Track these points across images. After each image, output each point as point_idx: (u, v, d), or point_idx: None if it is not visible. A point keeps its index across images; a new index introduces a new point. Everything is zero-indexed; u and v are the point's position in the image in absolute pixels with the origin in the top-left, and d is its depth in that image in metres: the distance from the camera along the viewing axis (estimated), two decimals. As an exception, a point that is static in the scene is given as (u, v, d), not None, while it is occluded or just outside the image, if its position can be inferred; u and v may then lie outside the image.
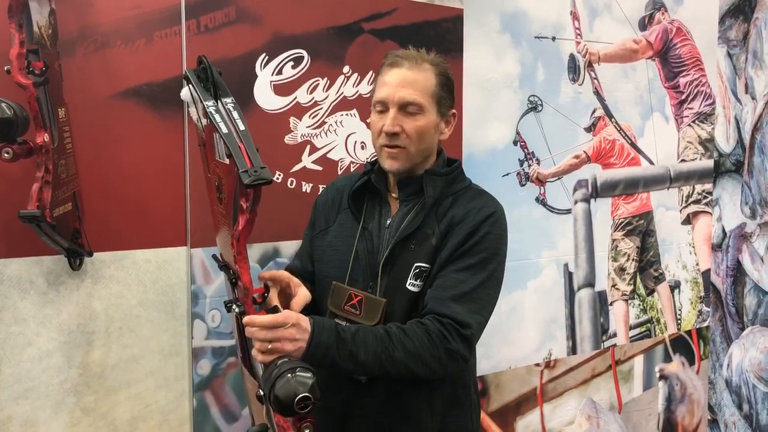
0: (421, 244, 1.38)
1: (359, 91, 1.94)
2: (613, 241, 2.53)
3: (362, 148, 1.95)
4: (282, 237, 1.85)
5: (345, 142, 1.94)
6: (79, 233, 1.58)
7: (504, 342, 2.28)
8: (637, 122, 2.55)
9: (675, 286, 2.71)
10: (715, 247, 2.79)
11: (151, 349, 1.71)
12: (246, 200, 1.09)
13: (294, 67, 1.84)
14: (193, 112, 1.29)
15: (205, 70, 1.21)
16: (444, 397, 1.41)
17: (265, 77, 1.80)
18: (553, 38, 2.31)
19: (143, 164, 1.66)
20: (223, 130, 1.10)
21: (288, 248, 1.85)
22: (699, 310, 2.79)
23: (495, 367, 2.26)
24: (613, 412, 2.57)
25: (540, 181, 2.33)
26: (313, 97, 1.87)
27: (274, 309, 1.21)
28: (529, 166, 2.30)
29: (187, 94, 1.26)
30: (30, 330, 1.57)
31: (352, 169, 1.95)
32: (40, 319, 1.58)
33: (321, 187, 1.85)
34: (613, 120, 2.49)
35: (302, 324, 1.20)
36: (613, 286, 2.54)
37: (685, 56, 2.64)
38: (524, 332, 2.32)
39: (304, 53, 1.85)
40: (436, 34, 2.05)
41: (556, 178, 2.37)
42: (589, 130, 2.43)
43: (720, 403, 2.80)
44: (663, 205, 2.65)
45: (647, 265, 2.63)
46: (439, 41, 2.05)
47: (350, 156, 1.95)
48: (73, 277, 1.61)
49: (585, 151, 2.43)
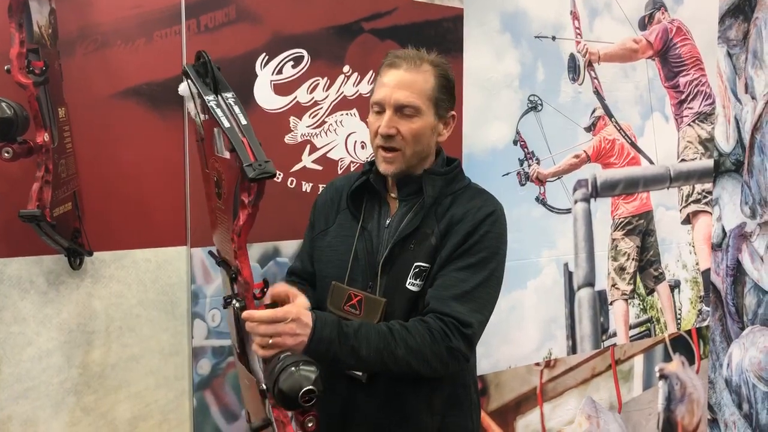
0: (420, 243, 1.38)
1: (359, 91, 1.94)
2: (613, 240, 2.53)
3: (362, 147, 1.95)
4: (282, 237, 1.85)
5: (345, 142, 1.94)
6: (79, 233, 1.58)
7: (504, 341, 2.28)
8: (637, 122, 2.55)
9: (675, 286, 2.71)
10: (715, 247, 2.79)
11: (151, 348, 1.71)
12: (248, 195, 1.08)
13: (294, 67, 1.84)
14: (191, 108, 1.29)
15: (204, 65, 1.20)
16: (444, 397, 1.41)
17: (265, 77, 1.80)
18: (553, 38, 2.31)
19: (143, 164, 1.66)
20: (225, 125, 1.09)
21: (288, 248, 1.85)
22: (699, 310, 2.79)
23: (495, 367, 2.26)
24: (612, 412, 2.57)
25: (540, 181, 2.33)
26: (313, 97, 1.87)
27: (272, 305, 1.22)
28: (529, 165, 2.29)
29: (186, 89, 1.26)
30: (30, 329, 1.57)
31: (353, 169, 1.95)
32: (40, 318, 1.58)
33: (321, 186, 1.85)
34: (613, 120, 2.49)
35: (303, 319, 1.20)
36: (613, 286, 2.54)
37: (685, 56, 2.64)
38: (524, 332, 2.32)
39: (305, 53, 1.85)
40: (437, 34, 2.05)
41: (556, 178, 2.37)
42: (589, 129, 2.43)
43: (720, 402, 2.80)
44: (663, 205, 2.65)
45: (647, 265, 2.63)
46: (440, 41, 2.05)
47: (350, 156, 1.95)
48: (73, 277, 1.61)
49: (585, 151, 2.43)
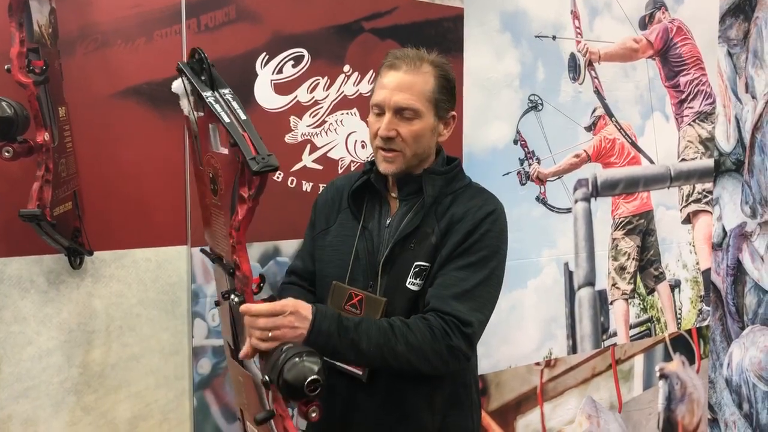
0: (421, 243, 1.38)
1: (360, 90, 1.94)
2: (614, 240, 2.53)
3: (362, 147, 1.95)
4: (282, 236, 1.85)
5: (345, 141, 1.94)
6: (80, 232, 1.58)
7: (504, 341, 2.28)
8: (638, 121, 2.55)
9: (675, 285, 2.71)
10: (716, 247, 2.79)
11: (151, 348, 1.71)
12: (249, 189, 1.09)
13: (294, 66, 1.84)
14: (185, 105, 1.28)
15: (200, 62, 1.20)
16: (444, 396, 1.41)
17: (266, 76, 1.80)
18: (554, 37, 2.31)
19: (143, 163, 1.66)
20: (226, 120, 1.09)
21: (288, 247, 1.85)
22: (699, 309, 2.79)
23: (495, 366, 2.26)
24: (613, 412, 2.57)
25: (540, 180, 2.33)
26: (314, 96, 1.87)
27: (270, 298, 1.22)
28: (530, 165, 2.29)
29: (180, 86, 1.25)
30: (30, 329, 1.57)
31: (353, 168, 1.95)
32: (40, 318, 1.58)
33: (321, 186, 1.84)
34: (614, 119, 2.49)
35: (302, 312, 1.20)
36: (614, 285, 2.54)
37: (686, 55, 2.64)
38: (524, 331, 2.32)
39: (305, 52, 1.85)
40: (437, 34, 2.05)
41: (557, 177, 2.37)
42: (589, 129, 2.43)
43: (720, 402, 2.80)
44: (663, 204, 2.65)
45: (647, 264, 2.63)
46: (440, 40, 2.05)
47: (350, 155, 1.95)
48: (73, 276, 1.61)
49: (585, 150, 2.43)
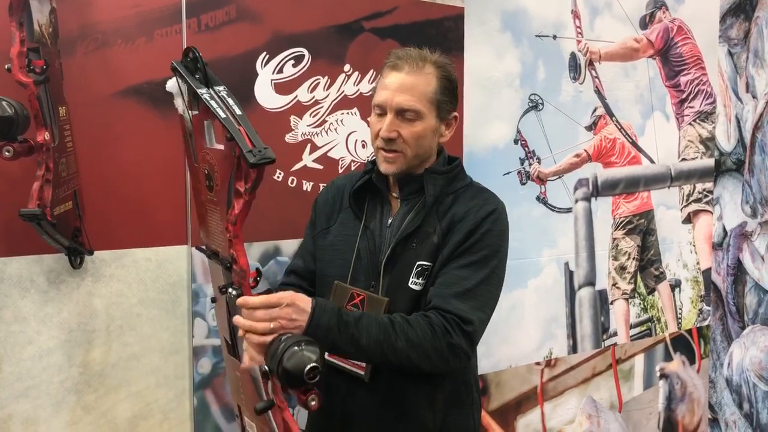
0: (422, 242, 1.38)
1: (360, 90, 1.94)
2: (614, 239, 2.53)
3: (363, 146, 1.95)
4: (283, 236, 1.85)
5: (346, 141, 1.94)
6: (80, 232, 1.58)
7: (504, 341, 2.27)
8: (638, 121, 2.55)
9: (675, 285, 2.71)
10: (716, 246, 2.79)
11: (151, 347, 1.71)
12: (245, 183, 1.09)
13: (295, 66, 1.84)
14: (179, 104, 1.28)
15: (194, 61, 1.21)
16: (446, 395, 1.41)
17: (266, 76, 1.80)
18: (554, 37, 2.31)
19: (144, 163, 1.66)
20: (221, 115, 1.11)
21: (289, 247, 1.85)
22: (699, 309, 2.79)
23: (495, 366, 2.26)
24: (613, 411, 2.57)
25: (541, 180, 2.33)
26: (314, 96, 1.87)
27: (266, 292, 1.22)
28: (530, 164, 2.29)
29: (174, 85, 1.26)
30: (31, 328, 1.57)
31: (353, 168, 1.95)
32: (40, 317, 1.58)
33: (322, 185, 1.84)
34: (614, 119, 2.49)
35: (299, 304, 1.20)
36: (614, 285, 2.54)
37: (686, 55, 2.64)
38: (525, 331, 2.32)
39: (305, 52, 1.84)
40: (437, 33, 2.05)
41: (557, 177, 2.37)
42: (589, 128, 2.43)
43: (720, 402, 2.80)
44: (664, 204, 2.65)
45: (648, 264, 2.63)
46: (440, 40, 2.04)
47: (351, 155, 1.95)
48: (73, 276, 1.61)
49: (586, 150, 2.43)
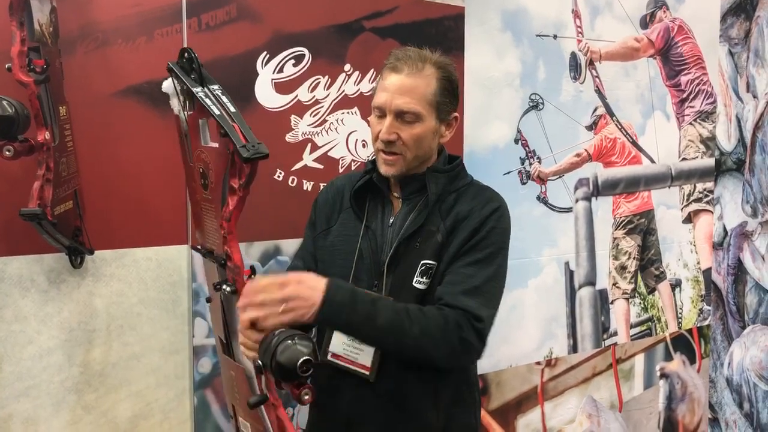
0: (426, 241, 1.38)
1: (360, 89, 1.94)
2: (614, 239, 2.53)
3: (363, 146, 1.95)
4: (283, 235, 1.85)
5: (346, 141, 1.94)
6: (80, 231, 1.58)
7: (505, 340, 2.27)
8: (639, 121, 2.55)
9: (676, 285, 2.71)
10: (716, 246, 2.79)
11: (152, 347, 1.71)
12: (239, 178, 1.10)
13: (295, 65, 1.83)
14: (175, 104, 1.29)
15: (189, 61, 1.21)
16: (449, 395, 1.41)
17: (266, 75, 1.80)
18: (555, 36, 2.31)
19: (144, 162, 1.66)
20: (216, 112, 1.11)
21: (289, 246, 1.85)
22: (700, 309, 2.79)
23: (496, 366, 2.26)
24: (613, 411, 2.57)
25: (541, 180, 2.33)
26: (314, 96, 1.87)
27: (250, 268, 1.22)
28: (530, 164, 2.29)
29: (170, 85, 1.26)
30: (31, 328, 1.57)
31: (353, 167, 1.95)
32: (41, 317, 1.58)
33: (322, 185, 1.84)
34: (615, 118, 2.49)
35: (308, 281, 1.20)
36: (614, 285, 2.54)
37: (687, 54, 2.64)
38: (525, 330, 2.32)
39: (305, 51, 1.84)
40: (438, 33, 2.05)
41: (557, 177, 2.37)
42: (590, 128, 2.43)
43: (721, 401, 2.80)
44: (664, 204, 2.64)
45: (648, 264, 2.63)
46: (441, 39, 2.04)
47: (351, 154, 1.95)
48: (74, 275, 1.61)
49: (586, 150, 2.43)
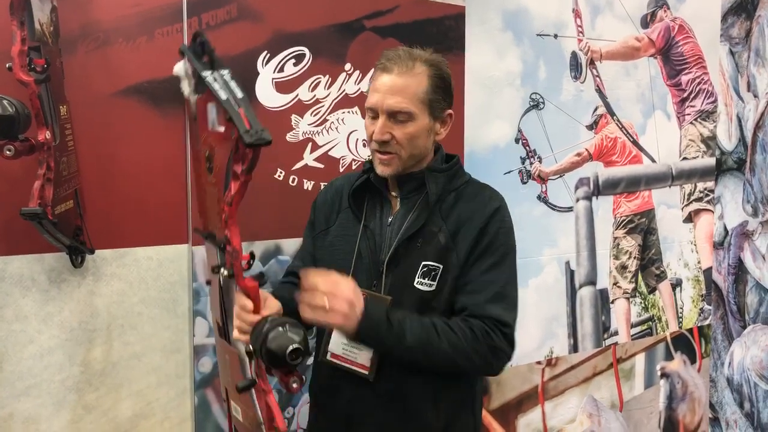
0: (428, 242, 1.38)
1: (361, 89, 1.94)
2: (615, 239, 2.53)
3: (364, 145, 1.95)
4: (283, 235, 1.85)
5: (347, 140, 1.94)
6: (81, 230, 1.58)
7: (505, 340, 2.27)
8: (639, 120, 2.55)
9: (676, 284, 2.71)
10: (717, 245, 2.79)
11: (152, 346, 1.71)
12: (242, 164, 1.10)
13: (296, 65, 1.83)
14: (185, 87, 1.29)
15: (201, 45, 1.21)
16: (449, 395, 1.41)
17: (267, 75, 1.80)
18: (555, 36, 2.31)
19: (145, 162, 1.66)
20: (222, 97, 1.11)
21: (289, 246, 1.85)
22: (700, 308, 2.79)
23: (496, 365, 2.26)
24: (614, 410, 2.57)
25: (542, 179, 2.32)
26: (315, 95, 1.87)
27: (259, 275, 1.22)
28: (531, 163, 2.29)
29: (181, 68, 1.26)
30: (32, 327, 1.57)
31: (354, 167, 1.95)
32: (41, 316, 1.58)
33: (323, 184, 1.84)
34: (615, 118, 2.48)
35: (358, 292, 1.25)
36: (615, 284, 2.54)
37: (687, 54, 2.64)
38: (525, 330, 2.32)
39: (306, 51, 1.84)
40: (438, 32, 2.05)
41: (558, 176, 2.36)
42: (590, 127, 2.43)
43: (721, 401, 2.80)
44: (665, 203, 2.64)
45: (649, 263, 2.63)
46: (441, 39, 2.04)
47: (352, 153, 1.95)
48: (74, 275, 1.61)
49: (587, 149, 2.42)
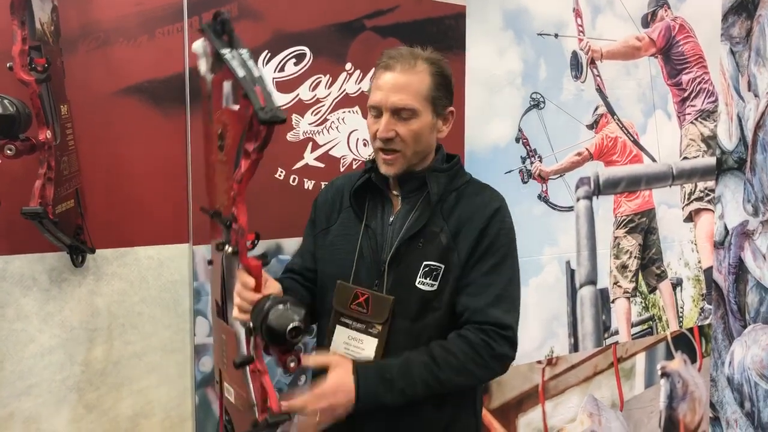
0: (430, 242, 1.38)
1: (361, 88, 1.94)
2: (615, 238, 2.53)
3: (364, 145, 1.95)
4: (284, 234, 1.85)
5: (347, 139, 1.94)
6: (82, 230, 1.58)
7: (506, 339, 2.27)
8: (640, 119, 2.55)
9: (677, 284, 2.71)
10: (717, 245, 2.79)
11: (153, 345, 1.71)
12: (255, 141, 1.10)
13: (296, 64, 1.83)
14: (202, 65, 1.30)
15: (222, 24, 1.22)
16: (452, 396, 1.41)
17: (268, 74, 1.79)
18: (556, 35, 2.31)
19: (145, 161, 1.66)
20: (240, 74, 1.12)
21: (290, 245, 1.85)
22: (701, 308, 2.79)
23: (497, 365, 2.26)
24: (614, 410, 2.57)
25: (542, 179, 2.32)
26: (316, 94, 1.87)
27: (262, 256, 1.22)
28: (532, 163, 2.29)
29: (200, 46, 1.28)
30: (32, 327, 1.57)
31: (355, 166, 1.95)
32: (42, 315, 1.58)
33: (323, 184, 1.84)
34: (616, 117, 2.48)
35: (343, 387, 1.26)
36: (615, 284, 2.54)
37: (688, 53, 2.64)
38: (526, 329, 2.32)
39: (307, 50, 1.84)
40: (439, 31, 2.05)
41: (559, 176, 2.36)
42: (591, 127, 2.43)
43: (722, 400, 2.80)
44: (665, 203, 2.64)
45: (649, 263, 2.63)
46: (442, 38, 2.04)
47: (352, 153, 1.95)
48: (75, 274, 1.61)
49: (587, 149, 2.42)
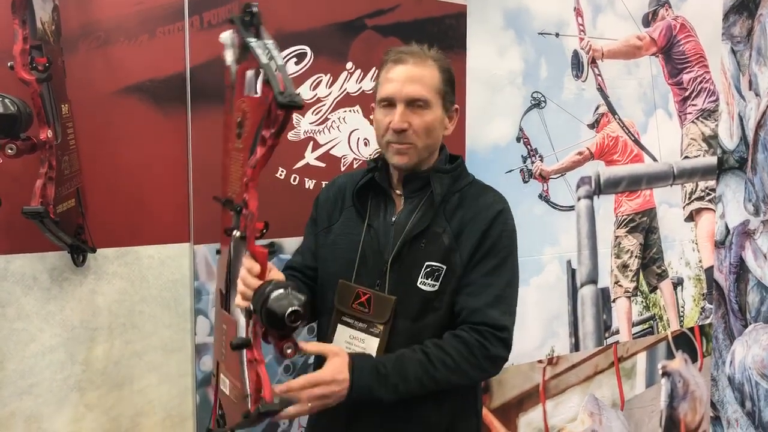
0: (432, 242, 1.37)
1: (362, 88, 1.93)
2: (616, 238, 2.53)
3: (365, 144, 1.95)
4: (285, 233, 1.85)
5: (348, 139, 1.94)
6: (83, 229, 1.59)
7: (506, 339, 2.27)
8: (641, 119, 2.55)
9: (678, 283, 2.71)
10: (718, 244, 2.79)
11: (154, 345, 1.71)
12: (272, 127, 1.12)
13: (297, 64, 1.83)
14: (228, 55, 1.32)
15: (251, 15, 1.25)
16: (450, 395, 1.41)
17: (268, 73, 1.80)
18: (557, 34, 2.30)
19: (146, 160, 1.66)
20: (263, 61, 1.15)
21: (290, 245, 1.85)
22: (702, 307, 2.79)
23: (497, 364, 2.26)
24: (615, 409, 2.57)
25: (543, 178, 2.32)
26: (316, 94, 1.87)
27: (269, 245, 1.23)
28: (532, 162, 2.29)
29: (227, 37, 1.30)
30: (33, 326, 1.57)
31: (356, 166, 1.95)
32: (43, 315, 1.58)
33: (324, 183, 1.84)
34: (617, 116, 2.48)
35: (338, 377, 1.25)
36: (616, 283, 2.54)
37: (689, 53, 2.63)
38: (527, 329, 2.32)
39: (307, 49, 1.84)
40: (439, 31, 2.05)
41: (559, 175, 2.36)
42: (592, 126, 2.43)
43: (722, 400, 2.80)
44: (666, 202, 2.64)
45: (650, 262, 2.63)
46: (442, 37, 2.04)
47: (353, 152, 1.95)
48: (76, 274, 1.61)
49: (588, 148, 2.42)
